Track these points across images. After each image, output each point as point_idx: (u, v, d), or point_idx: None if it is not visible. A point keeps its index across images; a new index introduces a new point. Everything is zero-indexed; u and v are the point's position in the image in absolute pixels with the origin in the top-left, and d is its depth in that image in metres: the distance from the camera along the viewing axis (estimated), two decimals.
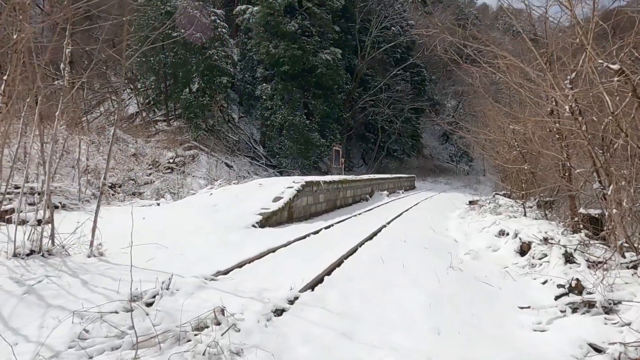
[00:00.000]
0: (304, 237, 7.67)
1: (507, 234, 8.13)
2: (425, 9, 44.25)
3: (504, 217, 8.99)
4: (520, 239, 7.29)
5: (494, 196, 16.41)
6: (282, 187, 10.11)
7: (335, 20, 27.15)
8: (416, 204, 14.89)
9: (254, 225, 8.05)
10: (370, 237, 7.93)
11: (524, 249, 7.16)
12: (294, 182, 10.38)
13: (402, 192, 20.05)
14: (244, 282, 4.75)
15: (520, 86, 8.56)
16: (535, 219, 9.21)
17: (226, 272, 5.09)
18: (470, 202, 15.89)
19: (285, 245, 6.80)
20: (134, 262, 5.44)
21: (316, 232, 8.26)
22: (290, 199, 9.59)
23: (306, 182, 10.46)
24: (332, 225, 9.33)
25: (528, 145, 10.08)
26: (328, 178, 12.14)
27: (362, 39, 29.90)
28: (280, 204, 9.25)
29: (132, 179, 16.29)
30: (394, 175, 21.22)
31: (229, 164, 23.05)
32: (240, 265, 5.45)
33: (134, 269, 5.10)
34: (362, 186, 15.40)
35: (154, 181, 16.47)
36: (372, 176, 17.58)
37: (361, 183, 15.19)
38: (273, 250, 6.39)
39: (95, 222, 5.62)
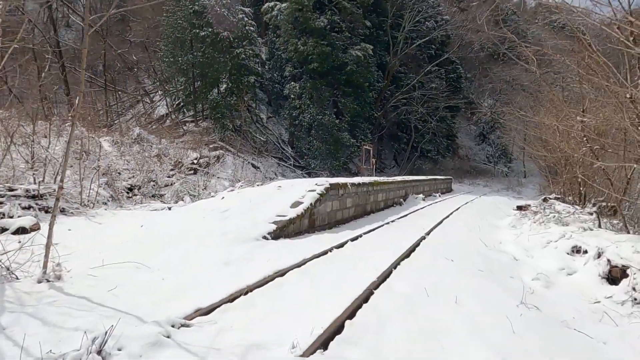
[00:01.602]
0: (325, 252, 6.09)
1: (585, 252, 6.24)
2: (460, 4, 41.80)
3: (576, 228, 7.05)
4: (608, 260, 5.40)
5: (544, 200, 14.29)
6: (303, 190, 8.57)
7: (366, 15, 25.43)
8: (457, 210, 12.97)
9: (265, 237, 6.54)
10: (407, 254, 6.23)
11: (614, 275, 5.28)
12: (316, 184, 8.82)
13: (439, 196, 18.06)
14: (228, 330, 3.22)
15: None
16: (605, 228, 7.25)
17: (208, 312, 3.58)
18: (519, 208, 13.80)
19: (298, 266, 5.24)
20: (93, 292, 4.04)
21: (340, 246, 6.65)
22: (311, 204, 8.04)
23: (331, 184, 8.87)
24: (361, 235, 7.70)
25: (601, 139, 8.09)
26: (356, 180, 10.49)
27: (395, 35, 27.97)
28: (299, 210, 7.72)
29: (153, 181, 15.30)
30: (429, 177, 19.22)
31: (255, 165, 21.82)
32: (231, 299, 3.93)
33: (86, 303, 3.69)
34: (395, 189, 13.63)
35: (174, 183, 15.38)
36: (405, 178, 15.75)
37: (394, 185, 13.42)
38: (282, 274, 4.85)
39: (49, 237, 4.26)
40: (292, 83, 24.41)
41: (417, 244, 7.02)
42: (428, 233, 8.18)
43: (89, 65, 31.21)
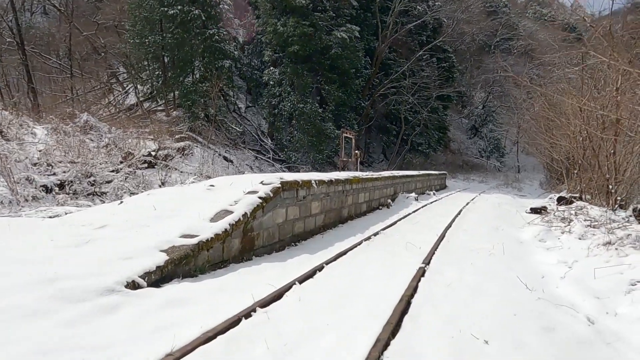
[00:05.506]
0: (236, 322, 2.89)
1: None
2: None
3: None
4: None
5: (559, 200, 11.30)
6: (241, 192, 5.36)
7: None
8: (459, 214, 9.81)
9: (134, 284, 3.33)
10: (397, 323, 3.05)
11: None
12: (262, 182, 5.59)
13: (434, 194, 14.90)
14: None
15: None
16: None
17: None
18: (534, 211, 10.75)
19: None
20: None
21: (276, 298, 3.46)
22: (246, 214, 4.83)
23: (283, 182, 5.64)
24: (322, 268, 4.51)
25: None
26: (327, 176, 7.27)
27: (384, 19, 24.61)
28: (222, 224, 4.51)
29: (92, 175, 12.01)
30: (422, 172, 16.01)
31: (228, 157, 18.51)
32: None
33: None
34: (382, 187, 10.45)
35: (113, 179, 12.08)
36: (394, 173, 12.54)
37: (380, 183, 10.23)
38: None
39: None
40: (272, 68, 21.06)
41: (413, 290, 3.84)
42: (428, 261, 4.99)
43: (54, 50, 27.58)
